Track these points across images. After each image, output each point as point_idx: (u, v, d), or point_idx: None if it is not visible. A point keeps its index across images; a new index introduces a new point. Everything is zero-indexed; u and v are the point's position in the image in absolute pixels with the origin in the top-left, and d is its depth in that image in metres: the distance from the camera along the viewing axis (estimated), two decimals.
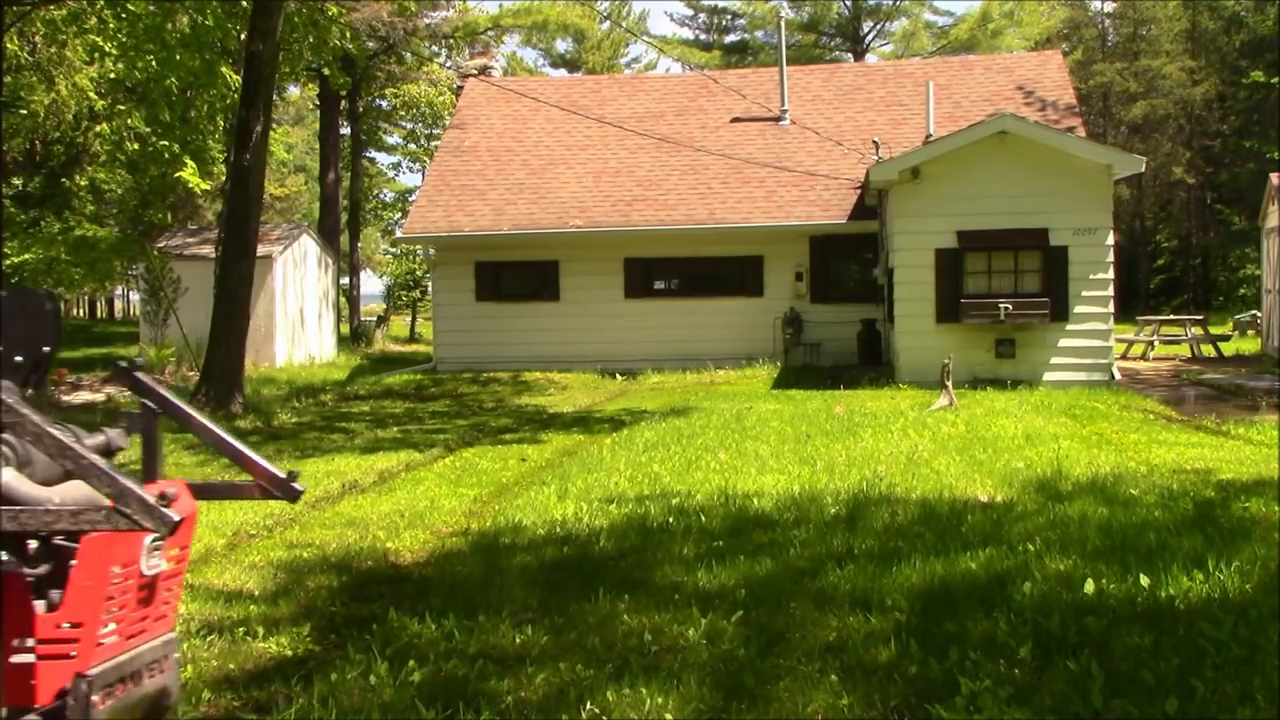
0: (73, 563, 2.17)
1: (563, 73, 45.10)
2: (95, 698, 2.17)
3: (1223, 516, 5.60)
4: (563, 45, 45.90)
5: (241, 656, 3.84)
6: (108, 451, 2.43)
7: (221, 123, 18.30)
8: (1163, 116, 40.67)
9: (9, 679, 2.14)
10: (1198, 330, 20.25)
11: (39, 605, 2.15)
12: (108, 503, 2.03)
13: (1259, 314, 22.04)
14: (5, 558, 2.14)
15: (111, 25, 14.22)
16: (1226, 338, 21.27)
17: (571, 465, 8.23)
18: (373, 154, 44.82)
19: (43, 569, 2.19)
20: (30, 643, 2.14)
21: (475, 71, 23.60)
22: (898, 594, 4.25)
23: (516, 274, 19.22)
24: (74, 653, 2.15)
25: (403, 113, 39.63)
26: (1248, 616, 3.81)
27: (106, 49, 14.60)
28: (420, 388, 16.49)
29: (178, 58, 13.71)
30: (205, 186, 20.44)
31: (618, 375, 17.24)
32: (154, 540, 2.27)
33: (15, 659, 2.14)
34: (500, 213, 19.00)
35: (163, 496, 2.00)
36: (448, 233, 18.82)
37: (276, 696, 3.42)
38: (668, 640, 3.84)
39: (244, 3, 14.29)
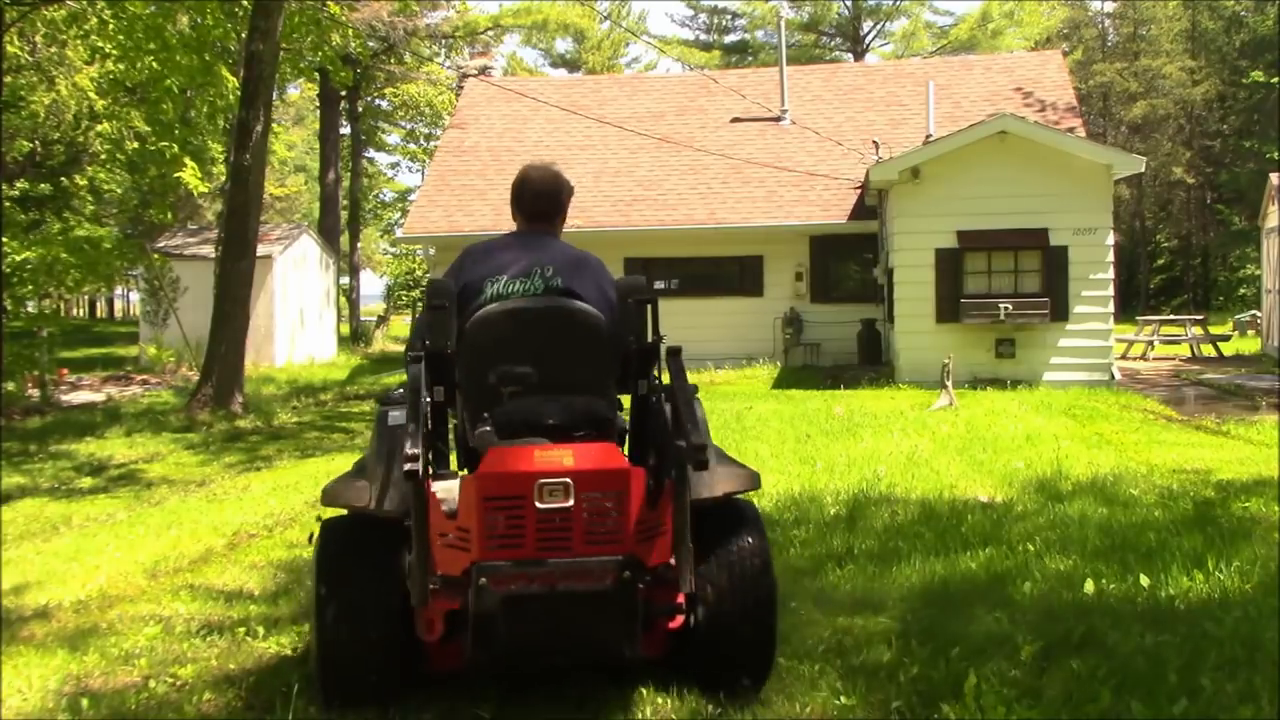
0: None
1: (563, 73, 45.09)
2: None
3: (1223, 516, 5.60)
4: (563, 45, 45.92)
5: (242, 656, 3.84)
6: None
7: (222, 123, 18.28)
8: (1163, 116, 40.67)
9: None
10: (1198, 330, 20.25)
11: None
12: None
13: (1259, 314, 22.04)
14: None
15: (111, 26, 14.19)
16: (1226, 338, 21.26)
17: None
18: (372, 154, 44.83)
19: None
20: None
21: (475, 71, 23.63)
22: (898, 594, 4.25)
23: None
24: None
25: (403, 113, 39.63)
26: (1248, 616, 3.81)
27: (107, 49, 14.57)
28: None
29: (178, 58, 13.68)
30: (205, 188, 20.40)
31: None
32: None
33: None
34: (500, 213, 18.98)
35: None
36: (448, 233, 18.81)
37: (277, 696, 3.42)
38: None
39: (244, 2, 14.28)
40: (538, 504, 2.83)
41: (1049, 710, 3.10)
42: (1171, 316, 24.59)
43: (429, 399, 3.11)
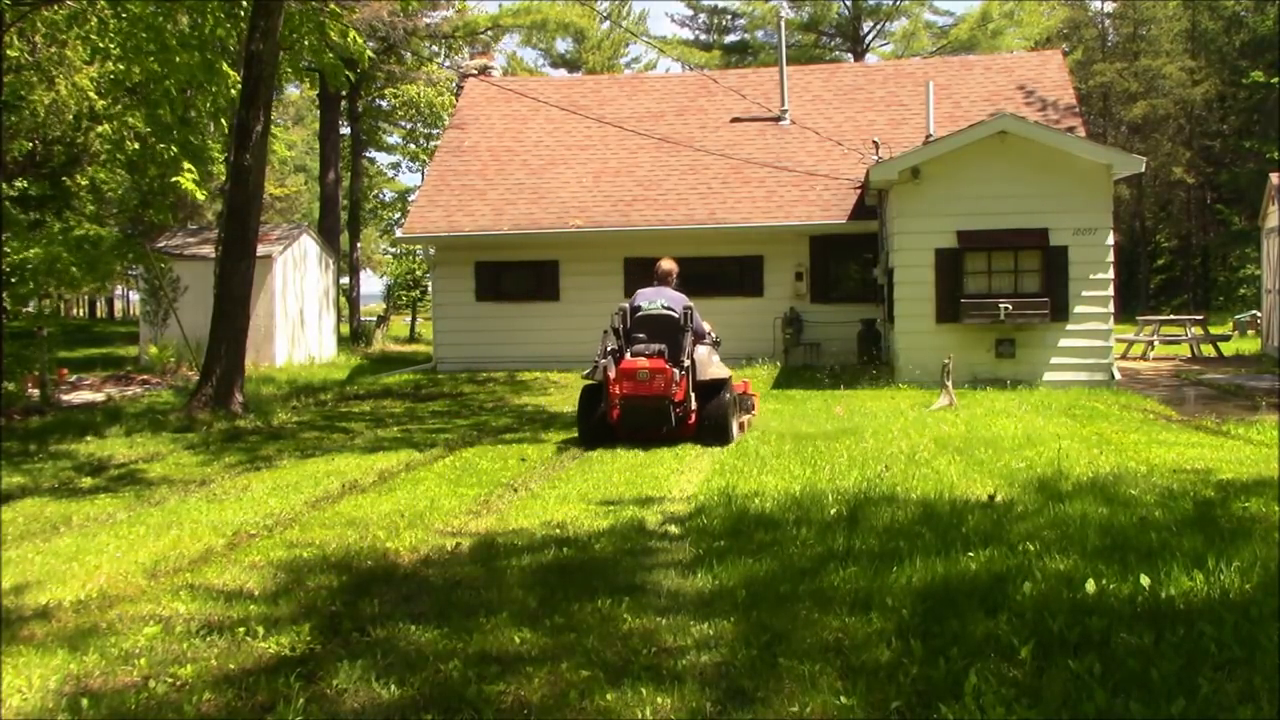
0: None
1: (563, 73, 45.07)
2: None
3: (1223, 516, 5.59)
4: (563, 45, 45.90)
5: (242, 656, 3.84)
6: None
7: (224, 123, 18.25)
8: (1163, 116, 40.67)
9: None
10: (1198, 330, 20.25)
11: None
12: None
13: (1259, 314, 22.04)
14: None
15: (112, 26, 14.18)
16: (1226, 338, 21.26)
17: (571, 466, 8.23)
18: (373, 154, 44.80)
19: None
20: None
21: (475, 71, 23.58)
22: (899, 594, 4.25)
23: (516, 274, 19.21)
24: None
25: (402, 113, 39.61)
26: (1248, 616, 3.80)
27: (109, 49, 14.55)
28: (420, 387, 16.49)
29: (178, 58, 13.68)
30: (202, 196, 20.36)
31: None
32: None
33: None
34: (500, 213, 19.00)
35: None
36: (448, 233, 18.82)
37: (277, 696, 3.42)
38: (668, 641, 3.84)
39: (244, 3, 14.27)
40: (637, 377, 9.00)
41: (1048, 710, 3.10)
42: (1171, 316, 24.58)
43: (611, 346, 9.21)
